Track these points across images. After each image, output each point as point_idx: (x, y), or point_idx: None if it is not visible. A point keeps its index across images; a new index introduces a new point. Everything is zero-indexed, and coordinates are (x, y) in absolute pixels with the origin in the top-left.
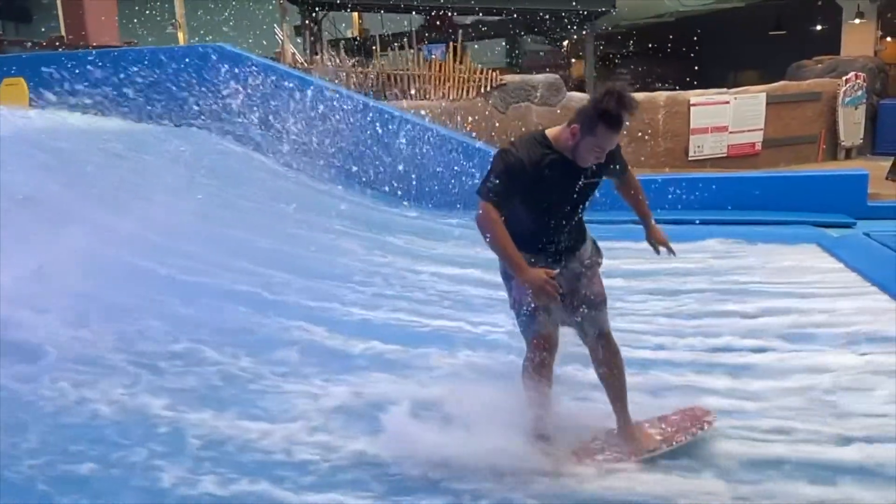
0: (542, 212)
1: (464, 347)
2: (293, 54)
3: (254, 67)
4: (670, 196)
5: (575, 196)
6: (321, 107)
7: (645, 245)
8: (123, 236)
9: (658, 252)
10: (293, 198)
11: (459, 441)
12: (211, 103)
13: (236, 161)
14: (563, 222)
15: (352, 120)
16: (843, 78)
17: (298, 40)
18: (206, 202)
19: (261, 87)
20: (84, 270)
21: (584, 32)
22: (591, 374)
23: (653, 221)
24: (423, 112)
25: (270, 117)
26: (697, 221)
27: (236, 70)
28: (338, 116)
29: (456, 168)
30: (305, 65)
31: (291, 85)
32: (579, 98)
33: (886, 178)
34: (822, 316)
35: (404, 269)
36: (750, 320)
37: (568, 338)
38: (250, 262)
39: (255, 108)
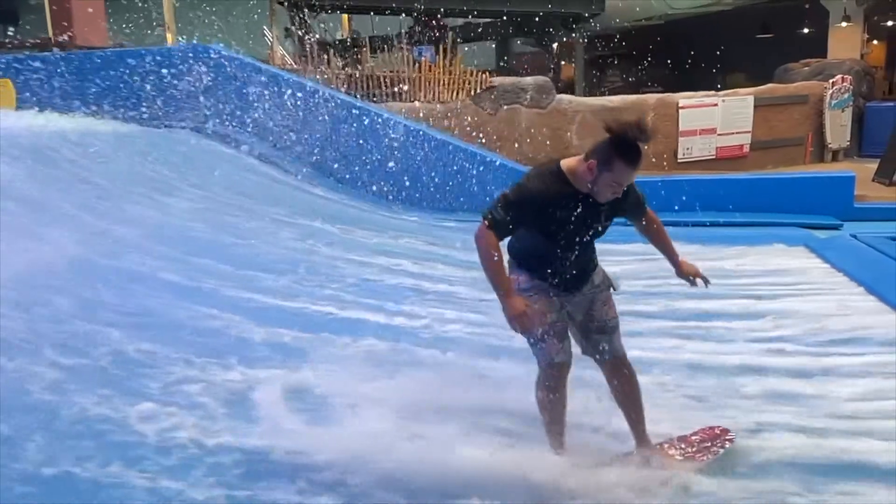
0: (556, 243)
1: (371, 336)
2: (283, 56)
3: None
4: (660, 198)
5: (590, 231)
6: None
7: (630, 247)
8: (56, 216)
9: (694, 284)
10: (243, 186)
11: (329, 429)
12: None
13: (199, 152)
14: (578, 254)
15: (318, 112)
16: (830, 81)
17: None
18: (154, 190)
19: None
20: None
21: (573, 35)
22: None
23: (680, 257)
24: (404, 112)
25: (238, 110)
26: (708, 223)
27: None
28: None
29: (421, 163)
30: (295, 66)
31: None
32: (569, 100)
33: (873, 180)
34: (810, 317)
35: (334, 258)
36: (737, 321)
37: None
38: (180, 249)
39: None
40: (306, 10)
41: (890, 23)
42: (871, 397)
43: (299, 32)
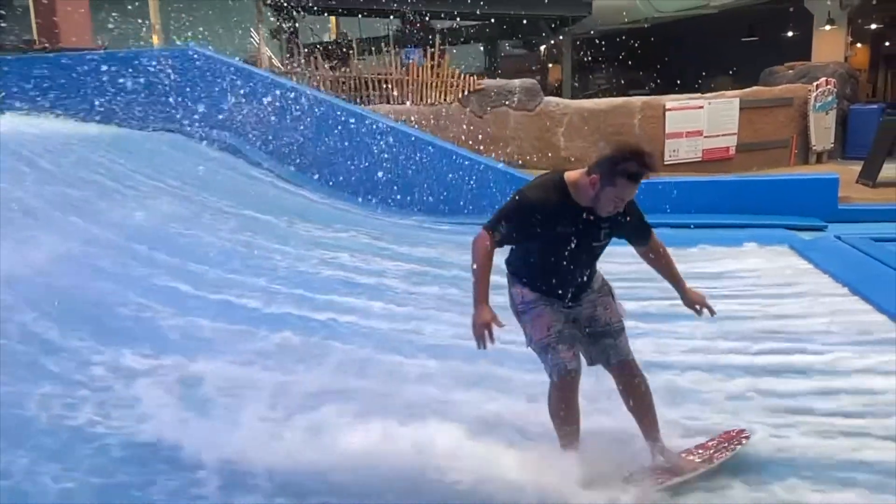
0: (555, 259)
1: (288, 330)
2: (269, 58)
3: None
4: (646, 200)
5: (588, 247)
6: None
7: (610, 248)
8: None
9: (700, 314)
10: (194, 175)
11: (211, 421)
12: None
13: (160, 144)
14: (577, 269)
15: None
16: (814, 83)
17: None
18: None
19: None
20: None
21: (560, 37)
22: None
23: (686, 284)
24: (392, 114)
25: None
26: (692, 225)
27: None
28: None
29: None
30: (282, 68)
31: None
32: (556, 102)
33: (857, 182)
34: (794, 317)
35: (272, 250)
36: (723, 321)
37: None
38: (118, 235)
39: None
40: (294, 12)
41: (873, 26)
42: (858, 394)
43: (287, 32)
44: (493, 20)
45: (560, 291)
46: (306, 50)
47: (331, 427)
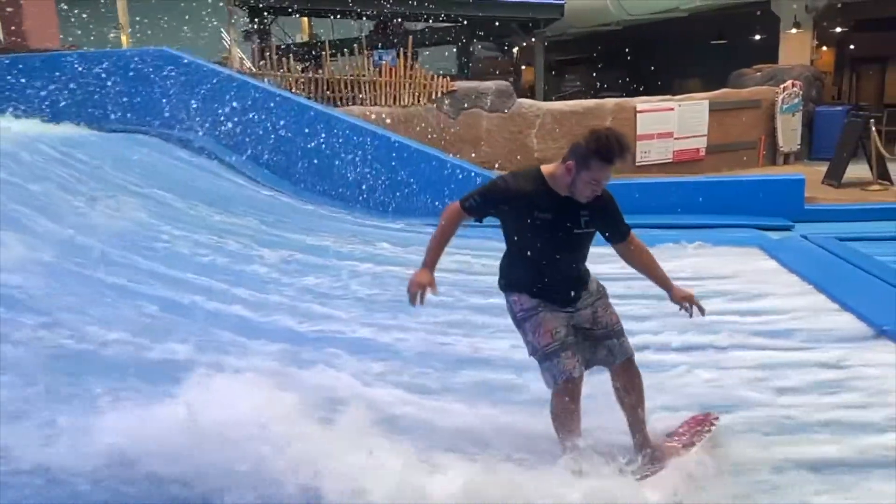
0: (540, 251)
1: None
2: (241, 59)
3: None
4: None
5: (574, 232)
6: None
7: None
8: None
9: (690, 313)
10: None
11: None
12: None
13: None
14: (564, 265)
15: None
16: (781, 86)
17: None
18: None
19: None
20: None
21: (532, 40)
22: None
23: (672, 282)
24: (367, 115)
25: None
26: (668, 225)
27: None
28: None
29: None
30: (253, 70)
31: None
32: (529, 104)
33: (823, 182)
34: (762, 314)
35: (189, 241)
36: (694, 320)
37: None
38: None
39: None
40: (265, 13)
41: (838, 29)
42: (820, 391)
43: (259, 34)
44: (465, 22)
45: (556, 291)
46: (279, 53)
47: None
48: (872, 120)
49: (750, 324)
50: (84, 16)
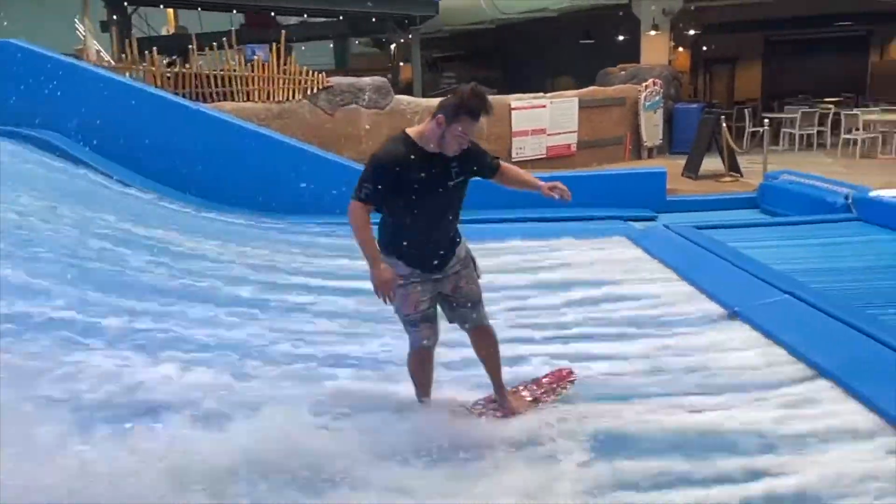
0: (417, 214)
1: None
2: (98, 52)
3: None
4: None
5: (447, 185)
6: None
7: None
8: None
9: (558, 197)
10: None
11: None
12: None
13: None
14: (439, 225)
15: None
16: (643, 84)
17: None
18: None
19: None
20: None
21: (409, 36)
22: None
23: (539, 181)
24: (233, 112)
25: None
26: (542, 219)
27: None
28: None
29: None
30: (112, 63)
31: None
32: (408, 101)
33: (682, 175)
34: (628, 300)
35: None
36: (570, 308)
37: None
38: None
39: None
40: (125, 3)
41: (692, 32)
42: (679, 370)
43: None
44: (340, 17)
45: (428, 255)
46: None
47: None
48: (724, 116)
49: (615, 308)
50: None
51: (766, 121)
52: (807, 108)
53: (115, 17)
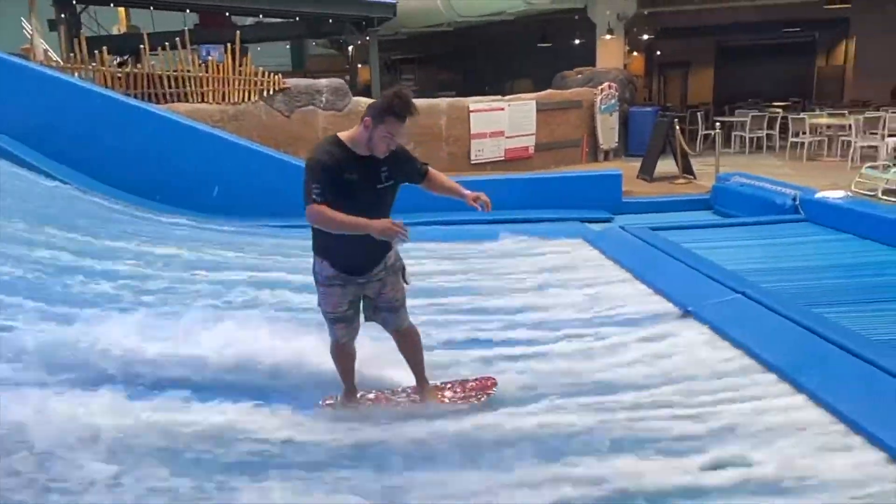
0: (351, 207)
1: None
2: (46, 51)
3: None
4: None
5: (377, 188)
6: None
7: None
8: None
9: (481, 208)
10: None
11: None
12: None
13: None
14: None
15: None
16: (599, 87)
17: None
18: None
19: None
20: None
21: (367, 38)
22: None
23: (465, 191)
24: (188, 114)
25: None
26: (500, 220)
27: None
28: None
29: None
30: (61, 63)
31: None
32: (366, 102)
33: (637, 177)
34: (587, 300)
35: None
36: (524, 310)
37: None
38: None
39: None
40: (74, 1)
41: (646, 37)
42: (631, 369)
43: (67, 23)
44: (297, 18)
45: (356, 258)
46: (90, 43)
47: None
48: (677, 120)
49: (573, 307)
50: None
51: (718, 124)
52: (756, 112)
53: (63, 15)
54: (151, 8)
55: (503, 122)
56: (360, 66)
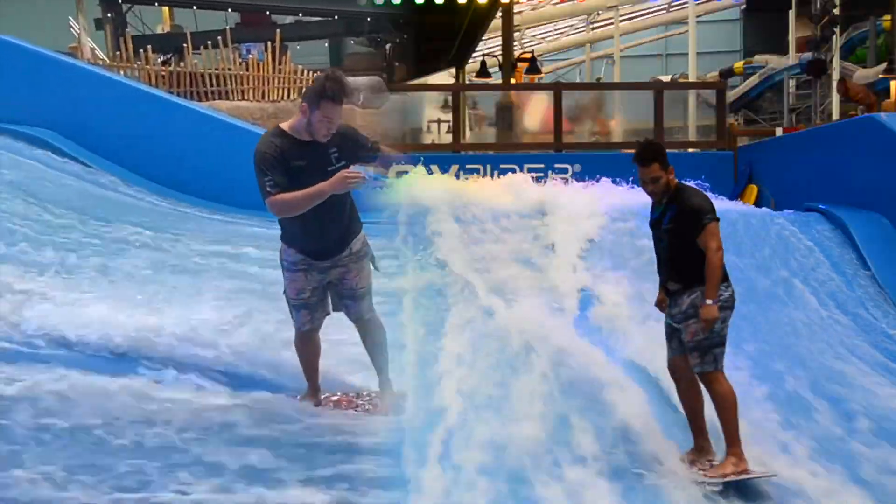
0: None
1: None
2: (93, 50)
3: None
4: None
5: (328, 172)
6: None
7: None
8: None
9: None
10: None
11: None
12: None
13: None
14: (328, 213)
15: None
16: None
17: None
18: None
19: None
20: None
21: (404, 36)
22: None
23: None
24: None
25: None
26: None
27: None
28: None
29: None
30: (107, 62)
31: None
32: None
33: None
34: None
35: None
36: None
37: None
38: None
39: None
40: (121, 1)
41: None
42: None
43: (113, 23)
44: (335, 17)
45: (319, 243)
46: (135, 42)
47: None
48: None
49: None
50: None
51: None
52: None
53: (109, 14)
54: (194, 7)
55: None
56: (397, 63)
